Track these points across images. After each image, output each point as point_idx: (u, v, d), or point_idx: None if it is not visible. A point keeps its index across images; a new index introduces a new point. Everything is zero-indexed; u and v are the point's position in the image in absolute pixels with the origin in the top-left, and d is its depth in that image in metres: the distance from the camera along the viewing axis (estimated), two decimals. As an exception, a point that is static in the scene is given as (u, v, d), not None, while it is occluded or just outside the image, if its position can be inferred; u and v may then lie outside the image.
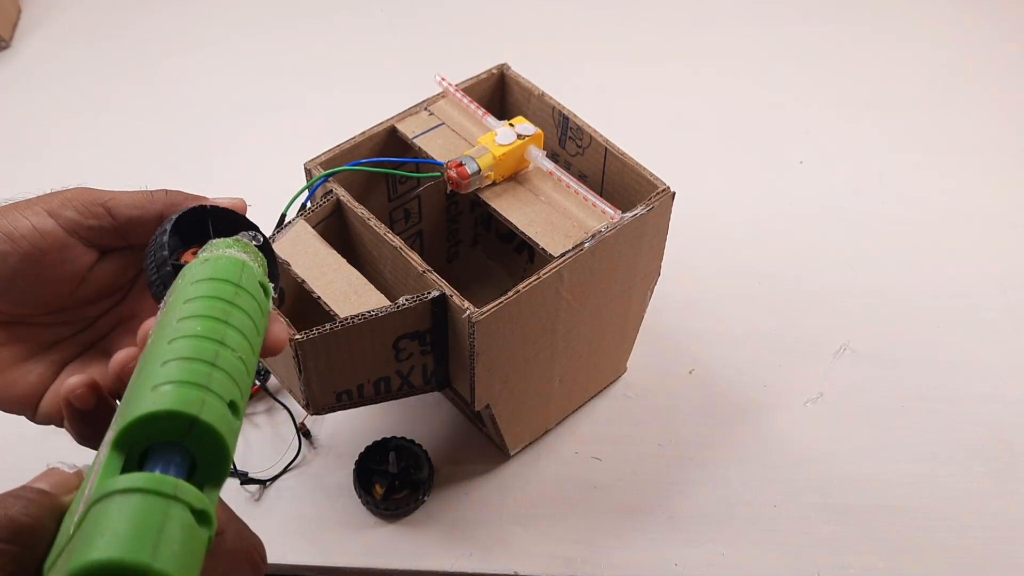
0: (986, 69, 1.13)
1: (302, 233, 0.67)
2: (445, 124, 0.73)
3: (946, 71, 1.12)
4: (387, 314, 0.62)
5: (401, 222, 0.78)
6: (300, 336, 0.61)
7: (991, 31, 1.18)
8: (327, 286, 0.64)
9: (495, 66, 0.77)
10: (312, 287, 0.64)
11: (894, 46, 1.16)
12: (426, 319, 0.63)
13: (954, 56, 1.14)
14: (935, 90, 1.10)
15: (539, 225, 0.67)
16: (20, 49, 1.13)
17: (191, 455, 0.37)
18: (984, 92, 1.10)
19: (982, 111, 1.08)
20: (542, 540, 0.72)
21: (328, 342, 0.61)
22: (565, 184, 0.68)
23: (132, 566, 0.31)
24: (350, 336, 0.62)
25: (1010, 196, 0.98)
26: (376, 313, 0.61)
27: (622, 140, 0.72)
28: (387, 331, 0.63)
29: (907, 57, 1.14)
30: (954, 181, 1.00)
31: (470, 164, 0.67)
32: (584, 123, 0.72)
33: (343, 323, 0.61)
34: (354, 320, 0.61)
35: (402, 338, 0.64)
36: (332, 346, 0.62)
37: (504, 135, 0.68)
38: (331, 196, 0.69)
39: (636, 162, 0.70)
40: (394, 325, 0.63)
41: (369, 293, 0.64)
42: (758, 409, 0.80)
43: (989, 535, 0.73)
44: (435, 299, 0.62)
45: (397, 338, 0.64)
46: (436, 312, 0.63)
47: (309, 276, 0.64)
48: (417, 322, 0.63)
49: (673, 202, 0.69)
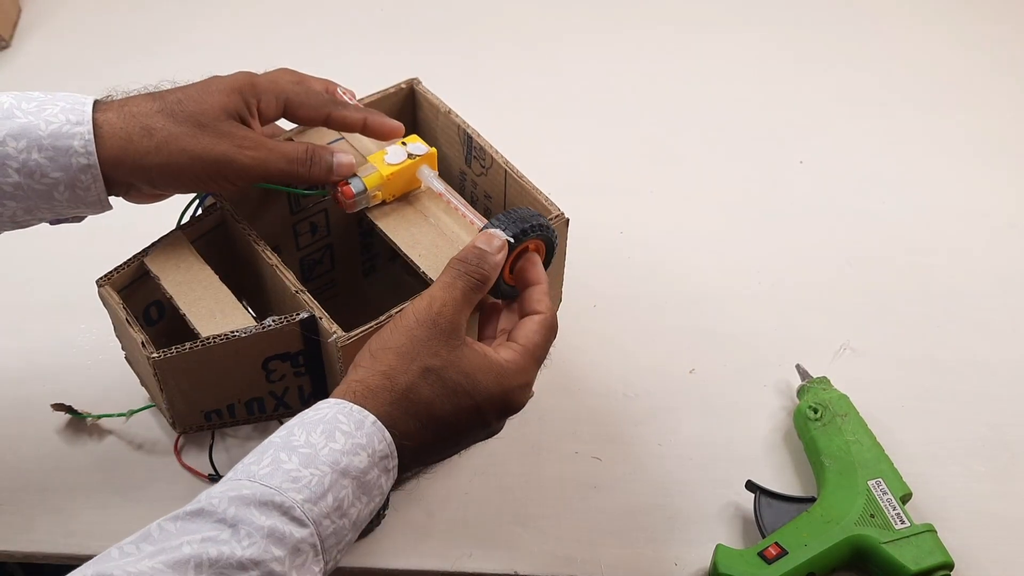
0: (986, 69, 1.13)
1: (178, 247, 0.66)
2: (344, 139, 0.71)
3: (946, 71, 1.12)
4: (252, 334, 0.61)
5: (307, 235, 0.75)
6: (158, 355, 0.60)
7: (991, 31, 1.18)
8: (194, 303, 0.63)
9: (404, 80, 0.75)
10: (179, 303, 0.63)
11: (894, 46, 1.16)
12: (296, 341, 0.62)
13: (954, 56, 1.14)
14: (935, 90, 1.10)
15: (423, 247, 0.65)
16: (20, 49, 1.13)
17: None
18: (984, 92, 1.10)
19: (982, 111, 1.08)
20: (542, 540, 0.72)
21: (188, 361, 0.61)
22: (454, 207, 0.66)
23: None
24: (213, 356, 0.61)
25: (1010, 196, 0.98)
26: (240, 333, 0.60)
27: (621, 140, 0.71)
28: (253, 352, 0.62)
29: (907, 57, 1.14)
30: (954, 181, 1.00)
31: (356, 183, 0.65)
32: (487, 143, 0.71)
33: (204, 342, 0.60)
34: (216, 339, 0.60)
35: (272, 359, 0.63)
36: (194, 365, 0.61)
37: (394, 154, 0.67)
38: (215, 210, 0.68)
39: (533, 186, 0.69)
40: (260, 346, 0.62)
41: (235, 312, 0.63)
42: (758, 409, 0.80)
43: (989, 535, 0.72)
44: (304, 321, 0.61)
45: (266, 359, 0.63)
46: (307, 334, 0.62)
47: (177, 292, 0.63)
48: (286, 343, 0.62)
49: (568, 228, 0.68)
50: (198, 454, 0.74)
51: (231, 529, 0.48)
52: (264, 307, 0.69)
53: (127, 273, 0.66)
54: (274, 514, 0.49)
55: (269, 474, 0.50)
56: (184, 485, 0.73)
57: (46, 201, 0.59)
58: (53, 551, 0.70)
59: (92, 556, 0.65)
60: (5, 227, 0.61)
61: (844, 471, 0.71)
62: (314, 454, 0.51)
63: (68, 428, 0.76)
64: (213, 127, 0.60)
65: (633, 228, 0.93)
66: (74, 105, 0.59)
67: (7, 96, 0.59)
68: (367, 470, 0.52)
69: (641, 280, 0.89)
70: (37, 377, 0.79)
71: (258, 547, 0.47)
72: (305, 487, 0.50)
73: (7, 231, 0.62)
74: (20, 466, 0.74)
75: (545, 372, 0.61)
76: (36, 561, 0.71)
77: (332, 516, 0.51)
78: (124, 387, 0.76)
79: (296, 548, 0.49)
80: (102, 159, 0.58)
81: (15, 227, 0.62)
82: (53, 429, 0.76)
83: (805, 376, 0.79)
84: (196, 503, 0.49)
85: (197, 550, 0.47)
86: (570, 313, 0.79)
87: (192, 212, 0.69)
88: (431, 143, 0.70)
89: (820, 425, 0.74)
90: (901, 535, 0.67)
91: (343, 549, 0.52)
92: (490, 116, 0.78)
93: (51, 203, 0.60)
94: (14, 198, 0.59)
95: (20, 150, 0.57)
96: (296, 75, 0.68)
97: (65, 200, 0.60)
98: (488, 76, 1.09)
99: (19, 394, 0.78)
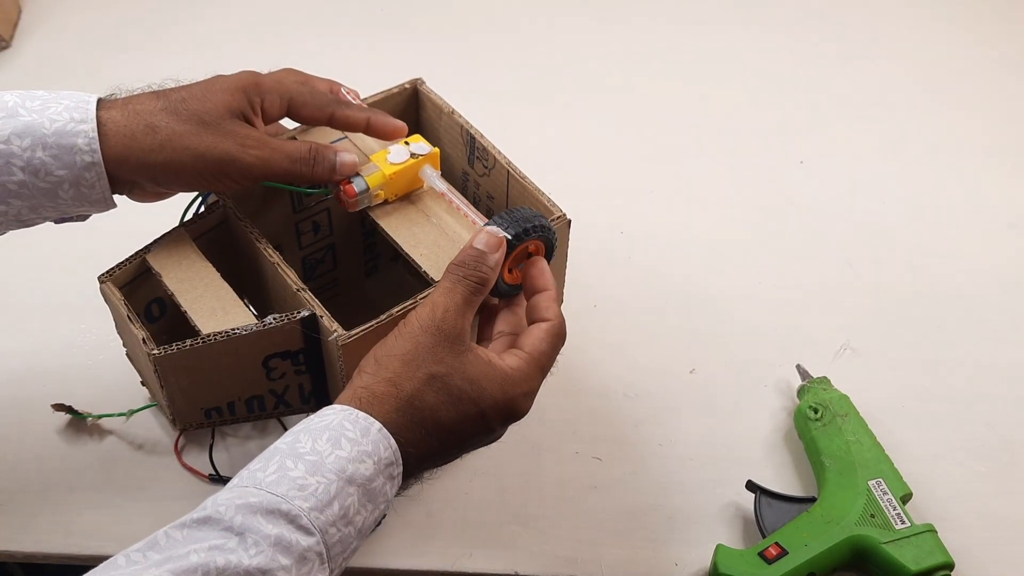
0: (986, 69, 1.13)
1: (180, 244, 0.66)
2: (347, 138, 0.71)
3: (946, 71, 1.12)
4: (252, 332, 0.61)
5: (309, 234, 0.75)
6: (158, 351, 0.60)
7: (992, 31, 1.18)
8: (195, 300, 0.63)
9: (408, 80, 0.75)
10: (180, 300, 0.63)
11: (894, 46, 1.16)
12: (297, 339, 0.62)
13: (954, 56, 1.14)
14: (935, 90, 1.10)
15: (425, 247, 0.65)
16: (20, 49, 1.13)
17: None
18: (984, 92, 1.10)
19: (982, 111, 1.08)
20: (542, 540, 0.72)
21: (189, 358, 0.61)
22: (456, 206, 0.66)
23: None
24: (214, 353, 0.61)
25: (1010, 196, 0.98)
26: (240, 331, 0.60)
27: (622, 140, 0.71)
28: (254, 349, 0.62)
29: (907, 57, 1.14)
30: (954, 181, 1.00)
31: (358, 182, 0.65)
32: (490, 144, 0.71)
33: (204, 339, 0.60)
34: (217, 337, 0.60)
35: (272, 357, 0.63)
36: (194, 362, 0.61)
37: (397, 153, 0.67)
38: (217, 207, 0.68)
39: (535, 186, 0.68)
40: (261, 344, 0.62)
41: (236, 310, 0.63)
42: (758, 409, 0.80)
43: (989, 535, 0.73)
44: (305, 319, 0.61)
45: (266, 357, 0.63)
46: (308, 332, 0.62)
47: (179, 289, 0.63)
48: (287, 342, 0.62)
49: (570, 230, 0.68)
50: (198, 454, 0.74)
51: (238, 537, 0.48)
52: (265, 305, 0.69)
53: (129, 270, 0.66)
54: (281, 522, 0.49)
55: (275, 481, 0.50)
56: (184, 485, 0.73)
57: (51, 199, 0.60)
58: (53, 551, 0.70)
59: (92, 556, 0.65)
60: (10, 226, 0.62)
61: (844, 471, 0.71)
62: (320, 461, 0.51)
63: (68, 428, 0.76)
64: (217, 126, 0.60)
65: (633, 228, 0.93)
66: (78, 103, 0.59)
67: (11, 95, 0.59)
68: (373, 477, 0.52)
69: (641, 280, 0.89)
70: (37, 377, 0.79)
71: (265, 556, 0.48)
72: (311, 495, 0.50)
73: (12, 230, 0.62)
74: (20, 466, 0.74)
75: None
76: (36, 561, 0.71)
77: (338, 524, 0.51)
78: (124, 387, 0.76)
79: (302, 557, 0.49)
80: (106, 157, 0.58)
81: (20, 226, 0.62)
82: (53, 429, 0.76)
83: (805, 376, 0.79)
84: (202, 510, 0.49)
85: (204, 559, 0.47)
86: (570, 313, 0.78)
87: (195, 210, 0.69)
88: (434, 143, 0.70)
89: (820, 425, 0.74)
90: (901, 535, 0.67)
91: (348, 557, 0.53)
92: (493, 116, 0.78)
93: (56, 201, 0.60)
94: (19, 196, 0.59)
95: (25, 148, 0.57)
96: (301, 75, 0.68)
97: (70, 198, 0.60)
98: (491, 76, 1.09)
99: (19, 394, 0.78)
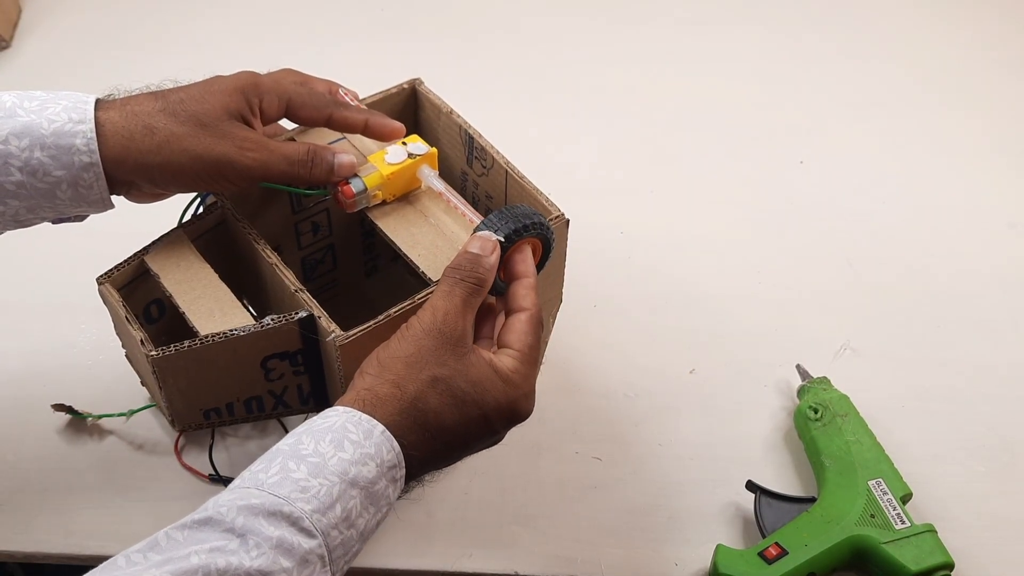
0: (986, 69, 1.13)
1: (178, 245, 0.66)
2: (346, 139, 0.71)
3: (946, 71, 1.12)
4: (250, 333, 0.61)
5: (308, 235, 0.75)
6: (157, 352, 0.60)
7: (992, 32, 1.18)
8: (193, 301, 0.63)
9: (406, 80, 0.75)
10: (178, 301, 0.63)
11: (894, 46, 1.16)
12: (295, 340, 0.62)
13: (954, 56, 1.14)
14: (935, 90, 1.10)
15: (423, 247, 0.65)
16: (20, 49, 1.13)
17: None
18: (984, 92, 1.10)
19: (982, 111, 1.08)
20: (542, 540, 0.72)
21: (187, 359, 0.61)
22: (454, 206, 0.66)
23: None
24: (212, 354, 0.61)
25: (1010, 196, 0.98)
26: (239, 332, 0.61)
27: (622, 140, 0.71)
28: (252, 350, 0.62)
29: (907, 57, 1.14)
30: (954, 181, 1.00)
31: (356, 183, 0.65)
32: (488, 143, 0.71)
33: (202, 341, 0.60)
34: (215, 338, 0.60)
35: (271, 358, 0.63)
36: (193, 363, 0.61)
37: (395, 154, 0.67)
38: (216, 208, 0.68)
39: (534, 186, 0.68)
40: (259, 344, 0.62)
41: (235, 311, 0.63)
42: (758, 409, 0.80)
43: (989, 535, 0.72)
44: (302, 320, 0.61)
45: (265, 358, 0.63)
46: (306, 333, 0.62)
47: (177, 290, 0.63)
48: (285, 342, 0.62)
49: (568, 229, 0.68)
50: (198, 454, 0.74)
51: (240, 539, 0.48)
52: (264, 306, 0.69)
53: (127, 271, 0.66)
54: (283, 524, 0.49)
55: (278, 483, 0.50)
56: (184, 485, 0.73)
57: (49, 200, 0.60)
58: (53, 551, 0.70)
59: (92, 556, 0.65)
60: (8, 226, 0.62)
61: (844, 471, 0.71)
62: (323, 463, 0.51)
63: (68, 428, 0.76)
64: (215, 127, 0.60)
65: (633, 228, 0.93)
66: (76, 104, 0.59)
67: (9, 95, 0.59)
68: (375, 480, 0.52)
69: (641, 280, 0.89)
70: (37, 377, 0.79)
71: (267, 558, 0.47)
72: (314, 497, 0.50)
73: (9, 230, 0.62)
74: (20, 466, 0.74)
75: (545, 372, 0.61)
76: (36, 561, 0.71)
77: (340, 527, 0.51)
78: (124, 387, 0.76)
79: (304, 559, 0.49)
80: (104, 157, 0.58)
81: (17, 226, 0.62)
82: (53, 429, 0.76)
83: (805, 376, 0.79)
84: (204, 511, 0.49)
85: (205, 560, 0.47)
86: (570, 313, 0.79)
87: (193, 211, 0.69)
88: (433, 143, 0.70)
89: (820, 425, 0.74)
90: (901, 535, 0.67)
91: (350, 560, 0.52)
92: (491, 116, 0.78)
93: (54, 202, 0.60)
94: (17, 197, 0.59)
95: (23, 148, 0.57)
96: (299, 76, 0.68)
97: (68, 199, 0.60)
98: (490, 76, 1.09)
99: (19, 394, 0.78)
